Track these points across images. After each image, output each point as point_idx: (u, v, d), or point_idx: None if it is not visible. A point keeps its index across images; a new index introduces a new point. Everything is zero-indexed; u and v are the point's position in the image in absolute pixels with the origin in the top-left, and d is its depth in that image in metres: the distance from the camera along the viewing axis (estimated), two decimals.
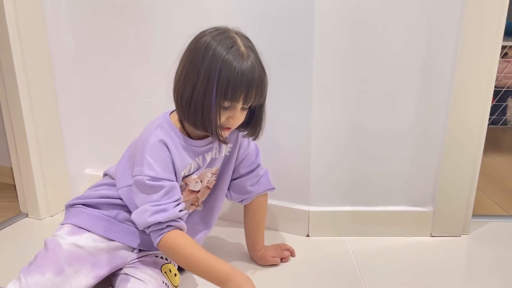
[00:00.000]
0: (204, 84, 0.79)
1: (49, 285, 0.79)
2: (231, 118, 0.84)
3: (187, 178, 0.92)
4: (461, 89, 1.10)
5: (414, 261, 1.12)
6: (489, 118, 1.16)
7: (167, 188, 0.84)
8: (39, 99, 1.25)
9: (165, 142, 0.86)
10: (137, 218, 0.84)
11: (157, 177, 0.84)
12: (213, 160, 0.96)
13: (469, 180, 1.18)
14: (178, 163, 0.87)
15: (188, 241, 0.84)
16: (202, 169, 0.94)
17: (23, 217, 1.34)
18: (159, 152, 0.85)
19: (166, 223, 0.83)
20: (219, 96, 0.80)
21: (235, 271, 0.82)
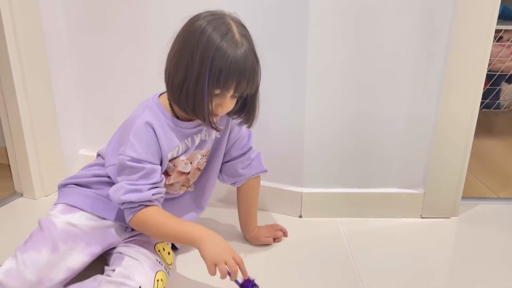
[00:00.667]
0: (197, 70, 0.79)
1: (45, 261, 0.80)
2: (219, 106, 0.84)
3: (175, 160, 0.93)
4: (454, 72, 1.10)
5: (404, 241, 1.14)
6: (482, 102, 1.17)
7: (147, 170, 0.85)
8: (33, 80, 1.25)
9: (152, 124, 0.86)
10: (112, 194, 0.86)
11: (138, 158, 0.84)
12: (203, 142, 0.97)
13: (459, 163, 1.20)
14: (164, 145, 0.87)
15: (158, 213, 0.86)
16: (190, 151, 0.94)
17: (18, 197, 1.34)
18: (144, 134, 0.86)
19: (138, 203, 0.85)
20: (211, 84, 0.79)
21: (207, 231, 0.84)
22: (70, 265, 0.83)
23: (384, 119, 1.16)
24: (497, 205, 1.36)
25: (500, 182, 1.54)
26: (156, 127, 0.86)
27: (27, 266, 0.78)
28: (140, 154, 0.85)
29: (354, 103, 1.15)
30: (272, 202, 1.25)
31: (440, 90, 1.12)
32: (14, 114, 1.24)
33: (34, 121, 1.27)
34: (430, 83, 1.12)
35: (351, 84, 1.14)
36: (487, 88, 2.26)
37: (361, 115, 1.16)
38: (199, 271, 0.94)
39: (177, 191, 1.01)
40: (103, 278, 0.82)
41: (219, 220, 1.21)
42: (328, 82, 1.13)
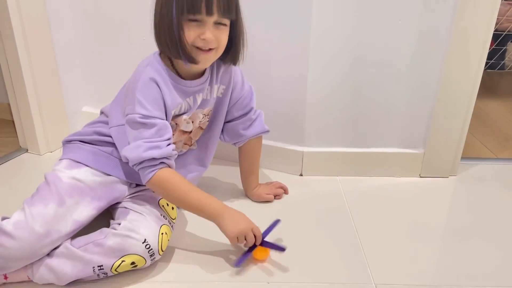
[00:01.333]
0: (165, 2, 0.81)
1: (52, 214, 0.82)
2: (202, 35, 0.83)
3: (177, 118, 0.93)
4: (460, 32, 1.09)
5: (402, 199, 1.17)
6: (487, 63, 1.16)
7: (159, 126, 0.86)
8: (34, 36, 1.23)
9: (156, 80, 0.86)
10: (129, 153, 0.85)
11: (148, 115, 0.85)
12: (205, 101, 0.97)
13: (461, 124, 1.20)
14: (168, 101, 0.88)
15: (180, 179, 0.87)
16: (193, 110, 0.95)
17: (23, 152, 1.36)
18: (150, 90, 0.86)
19: (160, 160, 0.85)
20: (180, 10, 0.80)
21: (226, 207, 0.87)
22: (76, 218, 0.85)
23: (387, 78, 1.16)
24: (496, 165, 1.38)
25: (500, 143, 1.55)
26: (160, 83, 0.87)
27: (35, 219, 0.81)
28: (150, 111, 0.85)
29: (356, 63, 1.14)
30: (274, 161, 1.27)
31: (445, 50, 1.11)
32: (16, 70, 1.24)
33: (36, 77, 1.27)
34: (434, 43, 1.11)
35: (354, 45, 1.12)
36: (492, 48, 2.23)
37: (363, 76, 1.16)
38: (202, 225, 0.97)
39: (179, 149, 1.02)
40: (109, 231, 0.84)
41: (221, 177, 1.24)
42: (331, 43, 1.12)
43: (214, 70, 0.96)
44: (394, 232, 1.02)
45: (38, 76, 1.27)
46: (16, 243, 0.78)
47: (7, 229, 0.78)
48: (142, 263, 0.83)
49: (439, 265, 0.93)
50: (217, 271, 0.88)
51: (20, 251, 0.78)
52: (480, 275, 0.89)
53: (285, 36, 1.13)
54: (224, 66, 0.98)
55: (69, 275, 0.81)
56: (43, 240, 0.80)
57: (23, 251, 0.78)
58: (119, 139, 0.92)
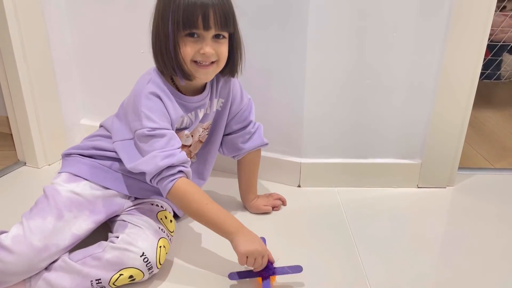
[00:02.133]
0: (161, 19, 0.82)
1: (51, 228, 0.82)
2: (202, 49, 0.83)
3: (178, 133, 0.93)
4: (454, 43, 1.10)
5: (400, 210, 1.17)
6: (483, 73, 1.17)
7: (169, 136, 0.86)
8: (32, 49, 1.24)
9: (158, 94, 0.87)
10: (145, 166, 0.84)
11: (156, 127, 0.85)
12: (205, 116, 0.98)
13: (457, 134, 1.21)
14: (172, 114, 0.88)
15: (199, 191, 0.87)
16: (194, 125, 0.96)
17: (21, 166, 1.36)
18: (154, 103, 0.86)
19: (177, 168, 0.84)
20: (177, 26, 0.81)
21: (244, 227, 0.86)
22: (75, 232, 0.85)
23: (384, 89, 1.17)
24: (493, 175, 1.38)
25: (497, 153, 1.56)
26: (162, 97, 0.87)
27: (33, 233, 0.81)
28: (157, 123, 0.85)
29: (353, 75, 1.15)
30: (272, 172, 1.27)
31: (440, 61, 1.12)
32: (15, 83, 1.25)
33: (34, 90, 1.27)
34: (430, 54, 1.12)
35: (350, 57, 1.13)
36: (488, 58, 2.24)
37: (360, 86, 1.16)
38: (200, 238, 0.97)
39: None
40: (107, 244, 0.84)
41: (219, 189, 1.24)
42: (329, 54, 1.13)
43: (214, 84, 0.97)
44: (392, 243, 1.02)
45: (36, 89, 1.28)
46: (15, 257, 0.78)
47: (5, 244, 0.78)
48: (140, 276, 0.83)
49: (437, 277, 0.93)
50: (216, 283, 0.88)
51: (18, 266, 0.78)
52: (476, 286, 0.89)
53: (282, 49, 1.14)
54: (223, 79, 0.98)
55: None
56: (42, 254, 0.80)
57: (21, 266, 0.78)
58: (125, 152, 0.91)
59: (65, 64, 1.36)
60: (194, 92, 0.94)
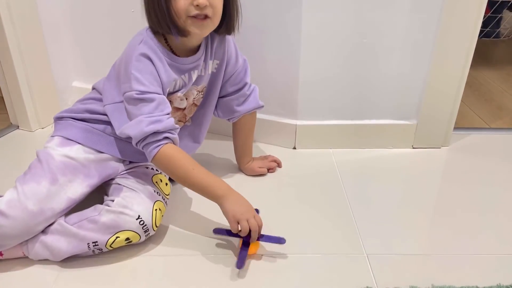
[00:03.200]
0: None
1: (45, 192, 0.82)
2: (195, 1, 0.80)
3: (171, 96, 0.92)
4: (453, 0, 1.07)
5: (394, 170, 1.18)
6: (482, 31, 1.15)
7: (158, 100, 0.84)
8: (19, 11, 1.20)
9: (149, 56, 0.85)
10: (131, 130, 0.84)
11: (146, 91, 0.83)
12: (200, 78, 0.96)
13: (454, 94, 1.20)
14: (164, 77, 0.86)
15: (185, 156, 0.86)
16: (188, 87, 0.94)
17: (14, 129, 1.35)
18: (145, 66, 0.84)
19: (163, 134, 0.84)
20: None
21: (231, 189, 0.86)
22: (70, 196, 0.85)
23: (380, 49, 1.14)
24: (488, 135, 1.38)
25: (493, 113, 1.55)
26: (154, 59, 0.85)
27: (28, 197, 0.81)
28: (148, 86, 0.83)
29: (350, 35, 1.13)
30: (267, 134, 1.27)
31: (439, 18, 1.10)
32: (3, 45, 1.21)
33: (23, 53, 1.24)
34: (428, 11, 1.09)
35: (347, 16, 1.10)
36: (488, 15, 2.20)
37: (356, 47, 1.14)
38: (196, 201, 0.98)
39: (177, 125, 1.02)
40: (103, 207, 0.85)
41: (214, 152, 1.24)
42: (325, 13, 1.10)
43: (208, 45, 0.94)
44: (386, 203, 1.04)
45: (25, 52, 1.25)
46: (10, 221, 0.78)
47: (0, 208, 0.78)
48: (136, 238, 0.84)
49: (430, 235, 0.95)
50: (211, 244, 0.89)
51: (14, 229, 0.79)
52: (471, 244, 0.91)
53: (277, 7, 1.11)
54: (218, 38, 0.95)
55: (64, 251, 0.82)
56: (37, 218, 0.80)
57: (17, 229, 0.79)
58: (115, 117, 0.91)
59: (54, 26, 1.32)
60: (188, 53, 0.92)
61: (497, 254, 0.88)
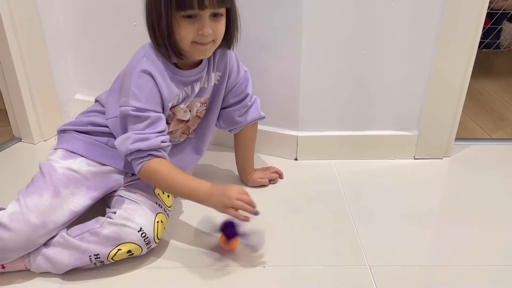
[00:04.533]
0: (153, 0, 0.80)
1: (47, 205, 0.83)
2: (200, 30, 0.81)
3: (174, 108, 0.93)
4: (453, 11, 1.08)
5: (396, 181, 1.17)
6: (482, 42, 1.15)
7: (152, 119, 0.85)
8: (23, 24, 1.22)
9: (151, 73, 0.85)
10: (119, 145, 0.85)
11: (142, 108, 0.84)
12: (202, 90, 0.96)
13: (454, 105, 1.20)
14: (165, 93, 0.87)
15: (168, 167, 0.87)
16: (190, 99, 0.94)
17: (17, 141, 1.36)
18: (145, 83, 0.85)
19: (147, 152, 0.85)
20: (170, 5, 0.78)
21: (214, 186, 0.86)
22: (72, 208, 0.85)
23: (381, 62, 1.15)
24: (490, 146, 1.38)
25: (494, 123, 1.55)
26: (155, 75, 0.85)
27: (31, 210, 0.81)
28: (144, 104, 0.84)
29: (350, 46, 1.13)
30: (268, 145, 1.27)
31: (438, 30, 1.10)
32: (7, 58, 1.23)
33: (27, 65, 1.25)
34: (428, 23, 1.10)
35: (347, 27, 1.11)
36: (488, 26, 2.21)
37: (357, 58, 1.15)
38: (198, 212, 0.98)
39: (177, 139, 1.02)
40: (105, 220, 0.85)
41: (216, 163, 1.24)
42: (325, 25, 1.11)
43: (210, 57, 0.95)
44: (389, 215, 1.03)
45: (28, 64, 1.26)
46: (12, 234, 0.78)
47: (2, 221, 0.78)
48: (138, 251, 0.84)
49: (432, 247, 0.94)
50: (212, 257, 0.89)
51: (16, 242, 0.79)
52: (473, 255, 0.90)
53: (278, 20, 1.12)
54: (219, 51, 0.96)
55: (66, 264, 0.82)
56: (39, 231, 0.80)
57: (19, 242, 0.79)
58: (117, 131, 0.92)
59: (57, 39, 1.34)
60: (191, 65, 0.92)
61: (500, 266, 0.87)
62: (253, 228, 0.88)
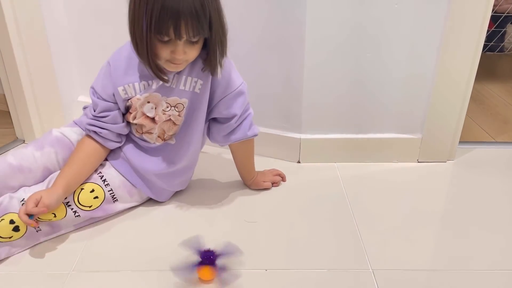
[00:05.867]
0: (136, 17, 0.82)
1: (28, 153, 0.95)
2: (173, 53, 0.84)
3: (132, 98, 0.95)
4: (457, 14, 1.07)
5: (399, 184, 1.17)
6: (486, 45, 1.15)
7: (93, 101, 0.97)
8: (26, 26, 1.22)
9: (112, 59, 0.95)
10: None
11: (93, 87, 0.97)
12: (169, 89, 0.94)
13: (459, 108, 1.20)
14: (117, 77, 0.93)
15: (80, 148, 0.96)
16: (149, 91, 0.94)
17: (19, 143, 1.36)
18: (103, 68, 0.96)
19: (85, 125, 0.98)
20: (149, 30, 0.80)
21: (53, 189, 0.89)
22: (48, 165, 0.96)
23: (384, 63, 1.15)
24: (494, 149, 1.37)
25: (499, 126, 1.55)
26: (115, 61, 0.94)
27: (12, 154, 0.94)
28: (96, 85, 0.96)
29: (354, 48, 1.13)
30: (271, 148, 1.27)
31: (442, 33, 1.10)
32: (10, 60, 1.23)
33: (30, 67, 1.26)
34: (432, 26, 1.10)
35: (350, 30, 1.11)
36: (492, 30, 2.20)
37: (360, 61, 1.15)
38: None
39: (153, 141, 1.01)
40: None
41: (219, 166, 1.23)
42: (328, 28, 1.11)
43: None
44: (392, 218, 1.03)
45: (32, 66, 1.26)
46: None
47: None
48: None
49: (436, 250, 0.94)
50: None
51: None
52: (478, 260, 0.89)
53: (281, 23, 1.12)
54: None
55: None
56: (15, 172, 0.91)
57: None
58: None
59: (60, 41, 1.34)
60: None
61: (504, 270, 0.87)
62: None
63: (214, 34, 0.85)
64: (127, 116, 0.98)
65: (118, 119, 0.97)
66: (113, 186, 0.98)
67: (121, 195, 0.99)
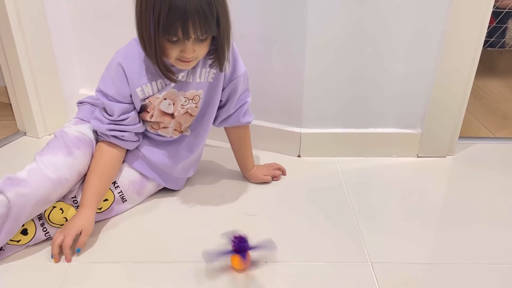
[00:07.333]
0: (143, 17, 0.81)
1: (62, 163, 0.89)
2: (183, 52, 0.84)
3: (151, 97, 0.94)
4: (458, 10, 1.08)
5: (399, 179, 1.18)
6: (487, 41, 1.15)
7: (106, 105, 0.93)
8: (28, 19, 1.22)
9: (123, 60, 0.90)
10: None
11: (103, 90, 0.93)
12: (185, 84, 0.95)
13: (459, 104, 1.20)
14: (133, 79, 0.91)
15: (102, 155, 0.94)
16: (167, 89, 0.94)
17: (21, 135, 1.37)
18: (113, 69, 0.91)
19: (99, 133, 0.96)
20: (157, 31, 0.80)
21: (87, 209, 0.89)
22: (80, 170, 0.93)
23: (385, 58, 1.15)
24: (493, 144, 1.38)
25: (498, 122, 1.55)
26: (128, 62, 0.90)
27: (47, 166, 0.87)
28: (107, 88, 0.92)
29: (355, 43, 1.13)
30: (272, 142, 1.27)
31: (443, 28, 1.10)
32: (12, 52, 1.23)
33: (32, 60, 1.26)
34: (433, 21, 1.10)
35: (351, 25, 1.11)
36: (493, 26, 2.20)
37: (361, 55, 1.15)
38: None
39: (169, 135, 1.03)
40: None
41: (219, 159, 1.24)
42: (330, 23, 1.11)
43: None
44: (391, 212, 1.03)
45: (34, 58, 1.26)
46: (31, 189, 0.83)
47: (21, 176, 0.84)
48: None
49: (435, 244, 0.94)
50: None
51: (35, 197, 0.83)
52: (476, 254, 0.90)
53: (283, 17, 1.12)
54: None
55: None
56: (56, 186, 0.86)
57: (37, 196, 0.84)
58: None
59: (62, 34, 1.34)
60: None
61: (502, 264, 0.87)
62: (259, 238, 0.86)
63: (222, 31, 0.86)
64: (143, 115, 0.97)
65: (136, 119, 0.96)
66: (123, 188, 0.99)
67: (130, 196, 1.00)
